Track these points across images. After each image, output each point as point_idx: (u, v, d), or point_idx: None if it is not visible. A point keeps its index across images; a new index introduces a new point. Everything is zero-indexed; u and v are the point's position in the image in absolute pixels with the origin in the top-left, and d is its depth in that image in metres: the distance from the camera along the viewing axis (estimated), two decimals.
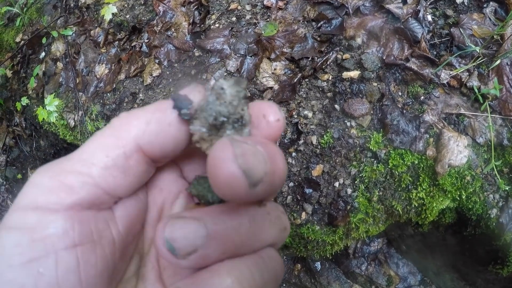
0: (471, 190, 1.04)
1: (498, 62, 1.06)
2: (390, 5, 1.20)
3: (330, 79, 1.17)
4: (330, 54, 1.19)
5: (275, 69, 1.25)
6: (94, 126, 1.50)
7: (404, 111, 1.10)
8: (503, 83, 1.06)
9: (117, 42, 1.58)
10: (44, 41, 1.73)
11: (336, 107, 1.14)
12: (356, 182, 1.10)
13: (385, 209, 1.10)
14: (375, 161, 1.09)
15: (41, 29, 1.71)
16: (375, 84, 1.13)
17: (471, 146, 1.05)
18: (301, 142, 1.14)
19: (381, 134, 1.09)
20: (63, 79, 1.63)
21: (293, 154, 1.15)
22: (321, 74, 1.19)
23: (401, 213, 1.10)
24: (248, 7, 1.37)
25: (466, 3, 1.17)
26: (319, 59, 1.20)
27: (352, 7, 1.23)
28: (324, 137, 1.12)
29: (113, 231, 0.29)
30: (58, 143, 1.84)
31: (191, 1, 1.47)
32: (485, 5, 1.15)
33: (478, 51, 1.08)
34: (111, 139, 0.29)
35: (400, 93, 1.13)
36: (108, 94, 1.49)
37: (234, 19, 1.37)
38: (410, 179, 1.07)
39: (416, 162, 1.06)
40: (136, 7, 1.58)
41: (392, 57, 1.14)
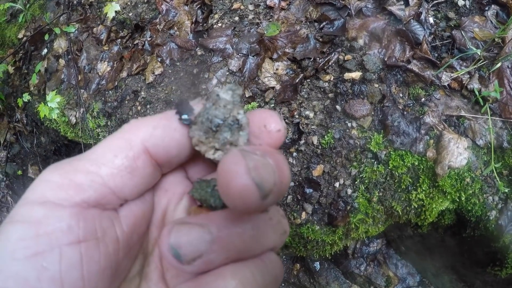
0: (471, 191, 1.04)
1: (499, 65, 1.07)
2: (392, 7, 1.20)
3: (331, 79, 1.18)
4: (332, 55, 1.20)
5: (277, 69, 1.25)
6: (95, 123, 1.50)
7: (405, 113, 1.10)
8: (503, 86, 1.07)
9: (120, 40, 1.58)
10: (46, 37, 1.73)
11: (337, 107, 1.15)
12: (356, 182, 1.10)
13: (385, 209, 1.11)
14: (375, 162, 1.10)
15: (44, 26, 1.71)
16: (376, 85, 1.14)
17: (471, 148, 1.06)
18: (302, 142, 1.15)
19: (381, 135, 1.10)
20: (65, 76, 1.63)
21: (294, 154, 1.15)
22: (322, 74, 1.19)
23: (400, 214, 1.10)
24: (251, 7, 1.38)
25: (467, 6, 1.18)
26: (321, 60, 1.20)
27: (354, 8, 1.24)
28: (325, 137, 1.13)
29: (118, 230, 0.30)
30: (59, 140, 1.84)
31: (194, 0, 1.47)
32: (486, 8, 1.15)
33: (479, 54, 1.08)
34: (120, 141, 0.30)
35: (401, 95, 1.13)
36: (109, 91, 1.49)
37: (236, 18, 1.37)
38: (410, 180, 1.07)
39: (416, 163, 1.07)
40: (139, 5, 1.58)
41: (393, 59, 1.15)
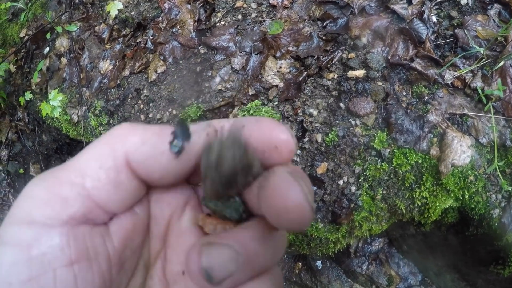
0: (474, 190, 1.05)
1: (501, 63, 1.07)
2: (395, 5, 1.20)
3: (335, 77, 1.18)
4: (335, 53, 1.20)
5: (280, 67, 1.25)
6: (97, 121, 1.50)
7: (408, 111, 1.10)
8: (506, 84, 1.07)
9: (122, 38, 1.58)
10: (48, 36, 1.73)
11: (341, 105, 1.15)
12: (360, 180, 1.10)
13: (388, 207, 1.11)
14: (379, 160, 1.10)
15: (46, 25, 1.71)
16: (380, 83, 1.14)
17: (474, 146, 1.06)
18: (306, 140, 1.15)
19: (385, 133, 1.10)
20: (67, 74, 1.63)
21: (298, 151, 1.16)
22: (326, 72, 1.19)
23: (404, 212, 1.10)
24: (253, 5, 1.38)
25: (470, 5, 1.18)
26: (324, 58, 1.20)
27: (357, 7, 1.24)
28: (329, 135, 1.13)
29: (109, 246, 0.29)
30: (60, 138, 1.84)
31: None
32: (489, 7, 1.16)
33: (482, 53, 1.09)
34: (105, 148, 0.28)
35: (404, 93, 1.13)
36: (112, 90, 1.49)
37: (239, 17, 1.37)
38: (413, 178, 1.07)
39: (419, 161, 1.07)
40: (141, 4, 1.58)
41: (397, 57, 1.15)
